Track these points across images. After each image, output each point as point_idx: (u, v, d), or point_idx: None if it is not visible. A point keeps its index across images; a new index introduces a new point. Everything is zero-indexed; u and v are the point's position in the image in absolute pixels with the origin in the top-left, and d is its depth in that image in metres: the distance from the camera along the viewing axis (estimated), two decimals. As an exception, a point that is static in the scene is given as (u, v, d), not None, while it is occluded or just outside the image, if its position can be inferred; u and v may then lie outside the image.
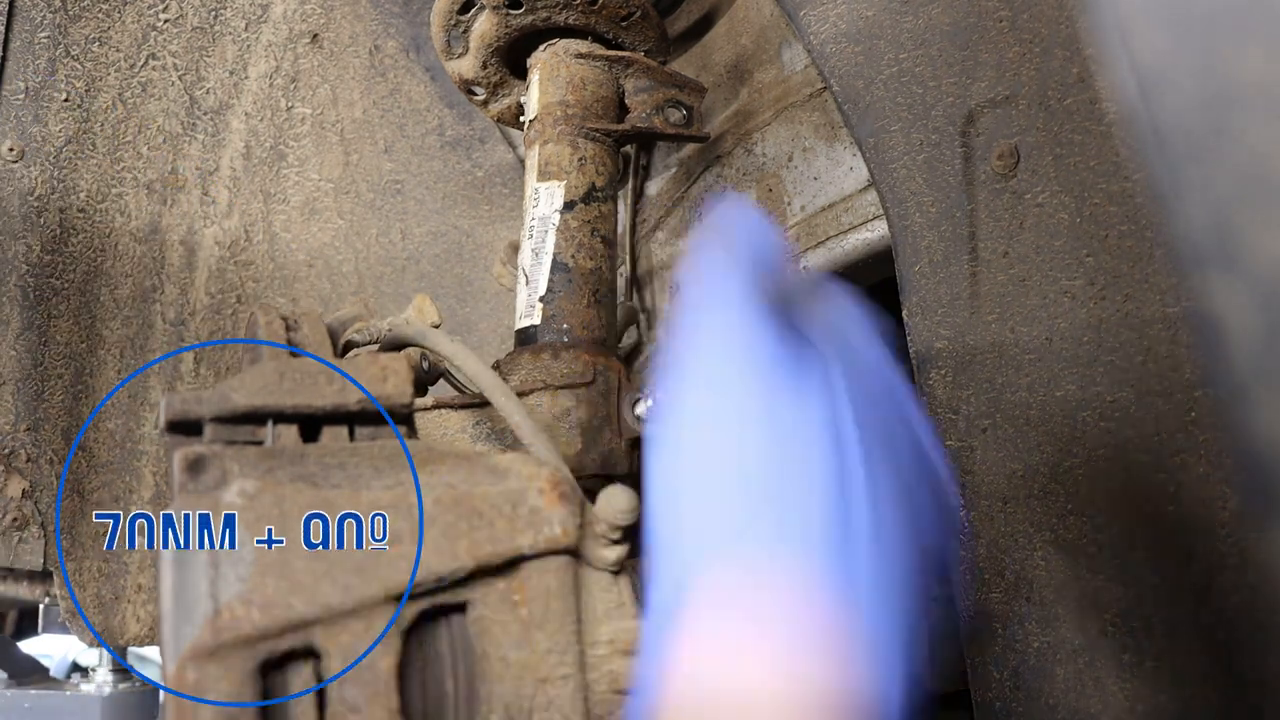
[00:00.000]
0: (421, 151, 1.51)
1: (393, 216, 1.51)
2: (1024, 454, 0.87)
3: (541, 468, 0.64)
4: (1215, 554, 0.75)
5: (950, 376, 0.92)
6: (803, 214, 1.22)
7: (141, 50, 1.38)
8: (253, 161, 1.46)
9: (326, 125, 1.48)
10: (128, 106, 1.38)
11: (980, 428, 0.90)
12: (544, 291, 1.02)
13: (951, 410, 0.92)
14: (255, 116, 1.45)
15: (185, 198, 1.43)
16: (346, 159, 1.49)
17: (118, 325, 1.39)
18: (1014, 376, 0.88)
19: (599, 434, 0.97)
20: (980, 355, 0.90)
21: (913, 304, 0.95)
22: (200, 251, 1.44)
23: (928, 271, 0.93)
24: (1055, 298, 0.85)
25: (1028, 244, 0.87)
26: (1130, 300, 0.80)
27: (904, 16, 0.95)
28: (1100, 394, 0.82)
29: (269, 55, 1.44)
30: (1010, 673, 0.87)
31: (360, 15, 1.46)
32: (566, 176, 1.05)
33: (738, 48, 1.31)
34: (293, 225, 1.48)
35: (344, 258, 1.50)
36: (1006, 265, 0.88)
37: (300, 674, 0.56)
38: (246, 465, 0.57)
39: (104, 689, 1.77)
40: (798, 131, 1.23)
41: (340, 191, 1.49)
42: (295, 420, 0.64)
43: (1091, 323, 0.83)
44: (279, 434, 0.63)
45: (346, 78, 1.47)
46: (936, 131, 0.93)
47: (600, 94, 1.09)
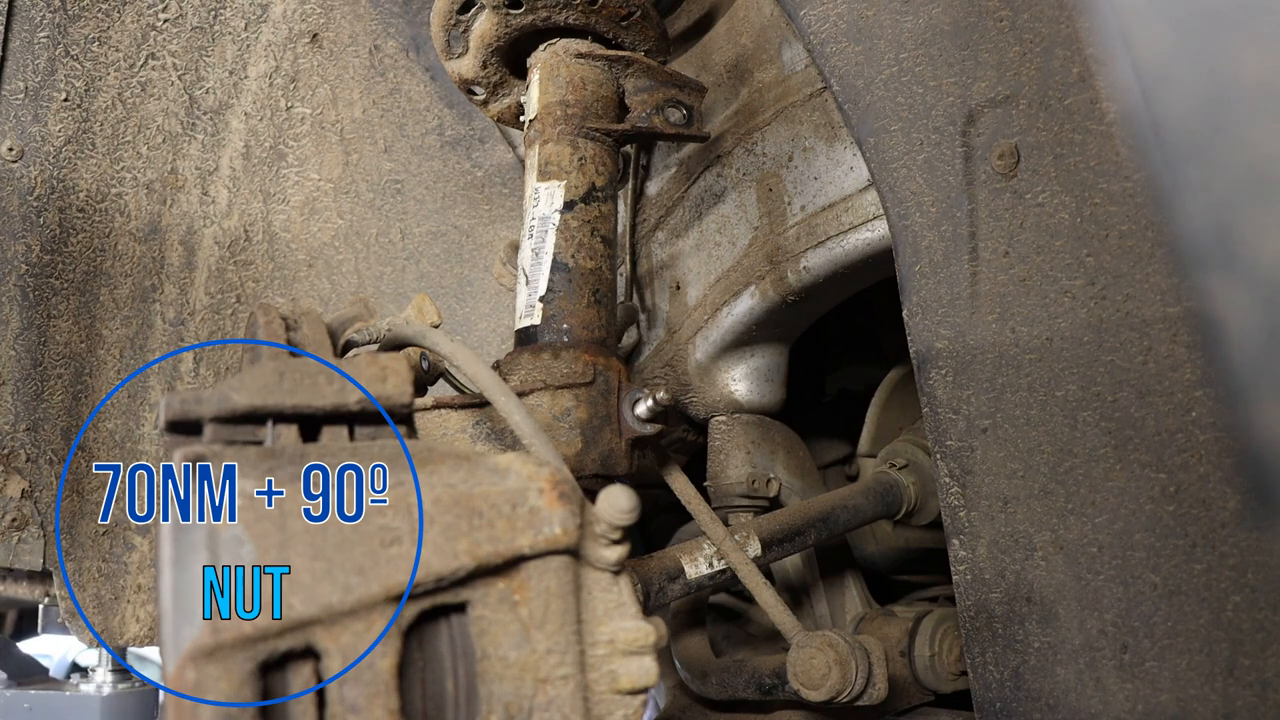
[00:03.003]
0: (421, 151, 1.51)
1: (393, 216, 1.51)
2: (1024, 454, 0.87)
3: (541, 468, 0.64)
4: (1215, 554, 0.75)
5: (950, 376, 0.92)
6: (803, 214, 1.22)
7: (141, 50, 1.38)
8: (252, 161, 1.46)
9: (326, 125, 1.48)
10: (127, 106, 1.38)
11: (980, 428, 0.90)
12: (544, 291, 1.02)
13: (951, 410, 0.92)
14: (255, 116, 1.45)
15: (185, 197, 1.43)
16: (346, 159, 1.49)
17: (117, 325, 1.39)
18: (1014, 376, 0.88)
19: (599, 434, 0.97)
20: (980, 355, 0.90)
21: (913, 304, 0.94)
22: (200, 251, 1.44)
23: (928, 271, 0.93)
24: (1055, 298, 0.85)
25: (1028, 244, 0.87)
26: (1130, 300, 0.80)
27: (904, 16, 0.95)
28: (1100, 394, 0.82)
29: (269, 55, 1.44)
30: (1010, 673, 0.87)
31: (360, 15, 1.46)
32: (566, 176, 1.05)
33: (738, 47, 1.31)
34: (293, 225, 1.48)
35: (344, 258, 1.50)
36: (1006, 265, 0.88)
37: (300, 674, 0.56)
38: (246, 465, 0.57)
39: (103, 689, 1.77)
40: (798, 131, 1.23)
41: (340, 191, 1.49)
42: (295, 420, 0.64)
43: (1091, 323, 0.83)
44: (279, 434, 0.63)
45: (346, 78, 1.47)
46: (937, 131, 0.93)
47: (600, 94, 1.09)
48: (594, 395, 0.98)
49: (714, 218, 1.34)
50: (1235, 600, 0.74)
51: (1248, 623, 0.74)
